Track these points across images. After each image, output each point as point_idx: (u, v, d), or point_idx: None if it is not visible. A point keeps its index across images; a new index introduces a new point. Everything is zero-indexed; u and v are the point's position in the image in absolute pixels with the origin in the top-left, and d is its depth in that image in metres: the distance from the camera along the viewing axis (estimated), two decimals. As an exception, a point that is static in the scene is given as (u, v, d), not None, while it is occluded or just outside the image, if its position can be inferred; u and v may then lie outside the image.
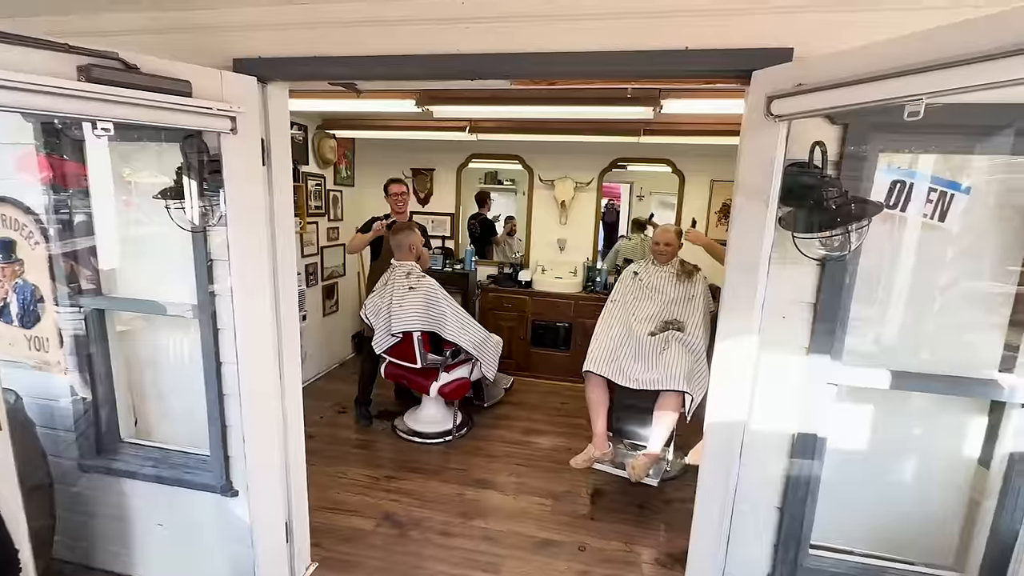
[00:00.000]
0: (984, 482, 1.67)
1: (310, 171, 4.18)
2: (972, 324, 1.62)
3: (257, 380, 1.86)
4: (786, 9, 1.36)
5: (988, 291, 1.59)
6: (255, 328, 1.83)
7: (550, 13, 1.50)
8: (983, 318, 1.60)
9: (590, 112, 2.81)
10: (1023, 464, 1.50)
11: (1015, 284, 1.55)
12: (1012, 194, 1.53)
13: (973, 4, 1.24)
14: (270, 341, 1.86)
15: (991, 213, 1.54)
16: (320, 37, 1.68)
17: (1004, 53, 0.84)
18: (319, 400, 3.98)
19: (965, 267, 1.59)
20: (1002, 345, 1.59)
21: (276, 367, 1.90)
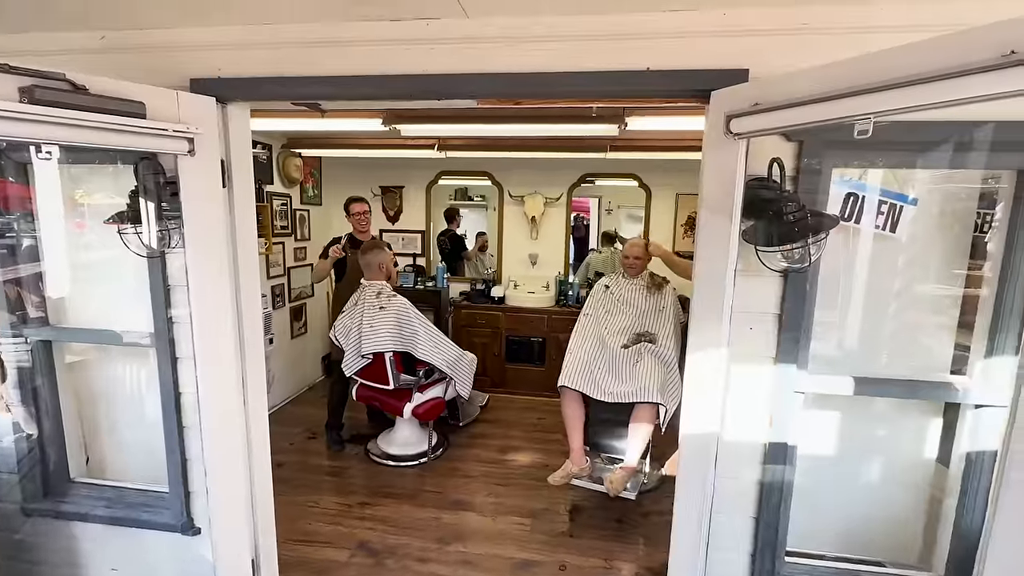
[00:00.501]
0: (944, 480, 1.73)
1: (275, 190, 4.09)
2: (925, 327, 1.70)
3: (219, 410, 1.78)
4: (740, 32, 1.41)
5: (937, 294, 1.68)
6: (217, 356, 1.75)
7: (515, 35, 1.52)
8: (934, 319, 1.69)
9: (557, 130, 2.85)
10: (980, 463, 1.56)
11: (961, 286, 1.64)
12: (952, 204, 1.63)
13: (916, 27, 1.32)
14: (233, 369, 1.78)
15: (935, 222, 1.64)
16: (283, 57, 1.65)
17: (946, 75, 0.89)
18: (288, 426, 3.84)
19: (915, 273, 1.68)
20: (952, 346, 1.67)
21: (240, 395, 1.82)
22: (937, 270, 1.67)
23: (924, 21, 1.31)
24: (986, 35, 0.85)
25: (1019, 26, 0.83)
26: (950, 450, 1.70)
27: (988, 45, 0.84)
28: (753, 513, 1.67)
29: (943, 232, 1.64)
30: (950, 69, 0.88)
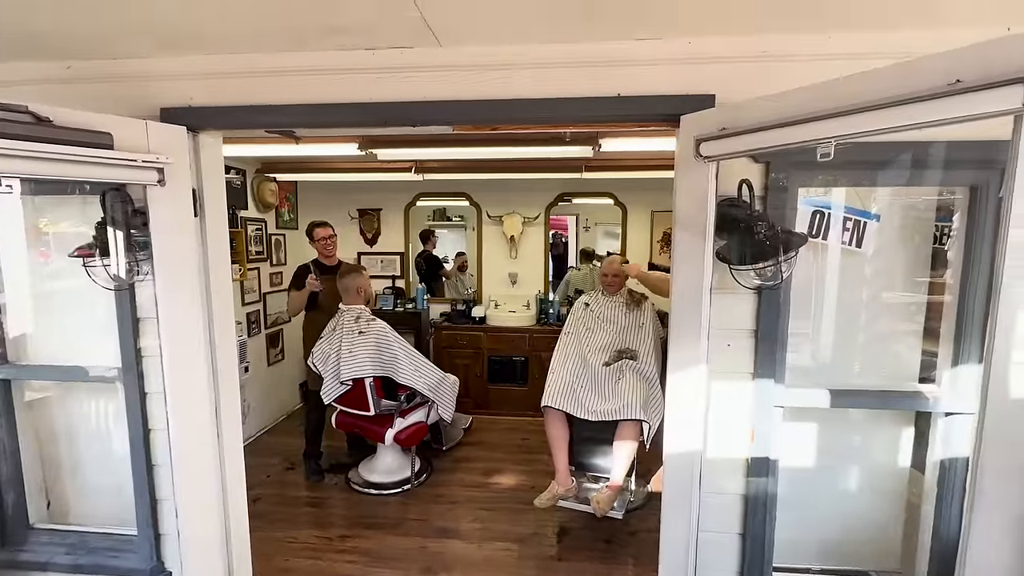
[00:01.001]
0: (920, 487, 1.76)
1: (250, 215, 4.02)
2: (894, 335, 1.76)
3: (191, 446, 1.71)
4: (706, 59, 1.47)
5: (903, 302, 1.74)
6: (188, 389, 1.70)
7: (488, 62, 1.55)
8: (902, 327, 1.75)
9: (532, 152, 2.90)
10: (954, 470, 1.60)
11: (925, 294, 1.71)
12: (912, 216, 1.71)
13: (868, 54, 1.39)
14: (206, 402, 1.72)
15: (897, 234, 1.71)
16: (256, 85, 1.65)
17: (899, 101, 0.94)
18: (265, 457, 3.72)
19: (882, 284, 1.74)
20: (920, 353, 1.73)
21: (213, 429, 1.76)
22: (902, 279, 1.74)
23: (876, 49, 1.38)
24: (934, 64, 0.90)
25: (963, 56, 0.88)
26: (924, 457, 1.74)
27: (936, 74, 0.89)
28: (739, 529, 1.67)
29: (905, 243, 1.72)
30: (903, 96, 0.93)
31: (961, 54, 0.89)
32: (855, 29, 1.43)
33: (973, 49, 0.87)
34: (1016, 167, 0.83)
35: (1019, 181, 0.83)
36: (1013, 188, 0.82)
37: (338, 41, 1.54)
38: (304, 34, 1.50)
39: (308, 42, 1.55)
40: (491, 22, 1.40)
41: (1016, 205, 0.84)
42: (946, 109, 0.88)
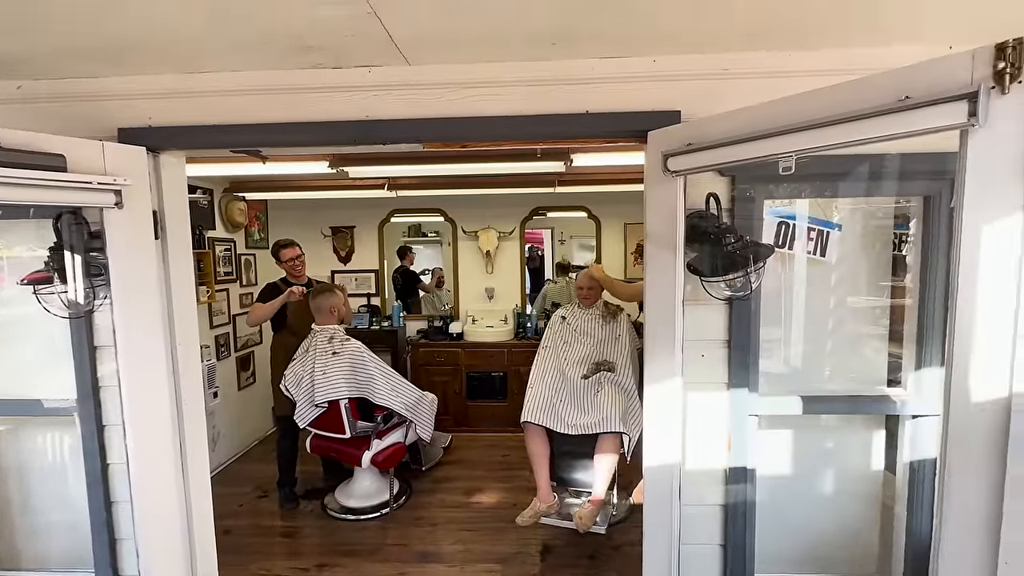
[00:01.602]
0: (893, 488, 1.80)
1: (218, 236, 3.92)
2: (861, 338, 1.81)
3: (153, 481, 1.63)
4: (670, 77, 1.50)
5: (869, 306, 1.79)
6: (150, 420, 1.62)
7: (457, 80, 1.55)
8: (868, 330, 1.80)
9: (505, 168, 2.91)
10: (923, 471, 1.64)
11: (888, 297, 1.77)
12: (872, 223, 1.77)
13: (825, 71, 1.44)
14: (168, 433, 1.64)
15: (859, 242, 1.76)
16: (219, 105, 1.61)
17: (854, 117, 0.97)
18: (236, 485, 3.57)
19: (847, 291, 1.79)
20: (887, 357, 1.78)
21: (177, 463, 1.68)
22: (866, 284, 1.79)
23: (831, 66, 1.43)
24: (884, 82, 0.94)
25: (912, 74, 0.92)
26: (895, 459, 1.78)
27: (887, 91, 0.93)
28: (720, 540, 1.67)
29: (867, 250, 1.78)
30: (856, 112, 0.97)
31: (909, 72, 0.93)
32: (812, 48, 1.48)
33: (920, 67, 0.91)
34: (965, 179, 0.87)
35: (968, 192, 0.87)
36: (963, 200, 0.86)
37: (305, 60, 1.52)
38: (269, 53, 1.48)
39: (274, 60, 1.53)
40: (458, 41, 1.41)
41: (967, 216, 0.87)
42: (896, 124, 0.92)
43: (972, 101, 0.83)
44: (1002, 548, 0.90)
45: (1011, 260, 0.84)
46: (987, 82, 0.83)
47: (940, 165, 1.45)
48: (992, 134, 0.83)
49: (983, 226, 0.87)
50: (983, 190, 0.86)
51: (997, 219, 0.86)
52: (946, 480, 0.98)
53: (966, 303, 0.90)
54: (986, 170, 0.85)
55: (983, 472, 0.91)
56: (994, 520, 0.91)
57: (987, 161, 0.85)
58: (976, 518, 0.94)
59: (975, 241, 0.87)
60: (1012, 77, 0.80)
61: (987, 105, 0.82)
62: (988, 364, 0.89)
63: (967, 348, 0.91)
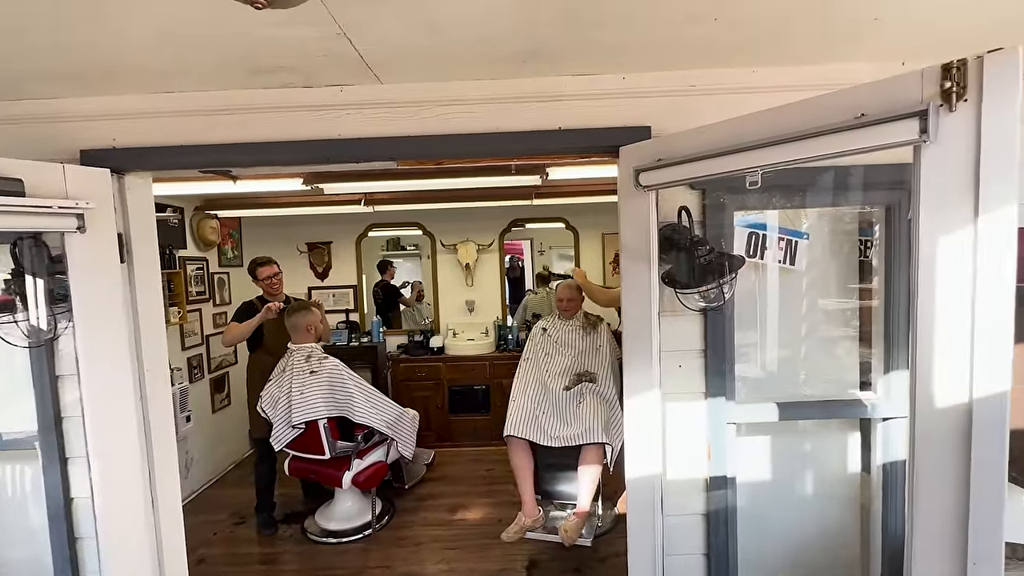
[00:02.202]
0: (869, 489, 1.84)
1: (189, 255, 3.83)
2: (833, 340, 1.85)
3: (121, 514, 1.56)
4: (639, 93, 1.53)
5: (838, 308, 1.84)
6: (116, 451, 1.55)
7: (429, 98, 1.56)
8: (840, 332, 1.84)
9: (481, 182, 2.92)
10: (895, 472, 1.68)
11: (857, 299, 1.82)
12: (839, 231, 1.82)
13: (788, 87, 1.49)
14: (136, 464, 1.58)
15: (827, 248, 1.82)
16: (186, 125, 1.58)
17: (814, 133, 1.01)
18: (211, 513, 3.45)
19: (818, 295, 1.84)
20: (858, 361, 1.82)
21: (146, 495, 1.62)
22: (835, 288, 1.84)
23: (793, 82, 1.49)
24: (842, 100, 0.98)
25: (867, 92, 0.96)
26: (870, 460, 1.82)
27: (845, 108, 0.96)
28: (703, 550, 1.68)
29: (835, 256, 1.83)
30: (817, 129, 1.00)
31: (864, 90, 0.96)
32: (776, 64, 1.53)
33: (874, 86, 0.95)
34: (919, 193, 0.90)
35: (924, 206, 0.90)
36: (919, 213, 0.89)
37: (274, 79, 1.51)
38: (237, 72, 1.46)
39: (242, 80, 1.51)
40: (429, 60, 1.41)
41: (923, 228, 0.91)
42: (854, 140, 0.95)
43: (923, 118, 0.87)
44: (970, 550, 0.93)
45: (966, 271, 0.88)
46: (936, 100, 0.87)
47: (898, 176, 1.50)
48: (942, 150, 0.87)
49: (939, 237, 0.90)
50: (937, 204, 0.89)
51: (951, 231, 0.89)
52: (915, 485, 1.01)
53: (926, 312, 0.93)
54: (939, 184, 0.89)
55: (949, 477, 0.94)
56: (962, 523, 0.93)
57: (939, 176, 0.89)
58: (945, 522, 0.97)
59: (932, 253, 0.91)
60: (958, 96, 0.84)
61: (937, 122, 0.86)
62: (949, 371, 0.92)
63: (929, 356, 0.94)
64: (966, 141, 0.86)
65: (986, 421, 0.90)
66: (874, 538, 1.81)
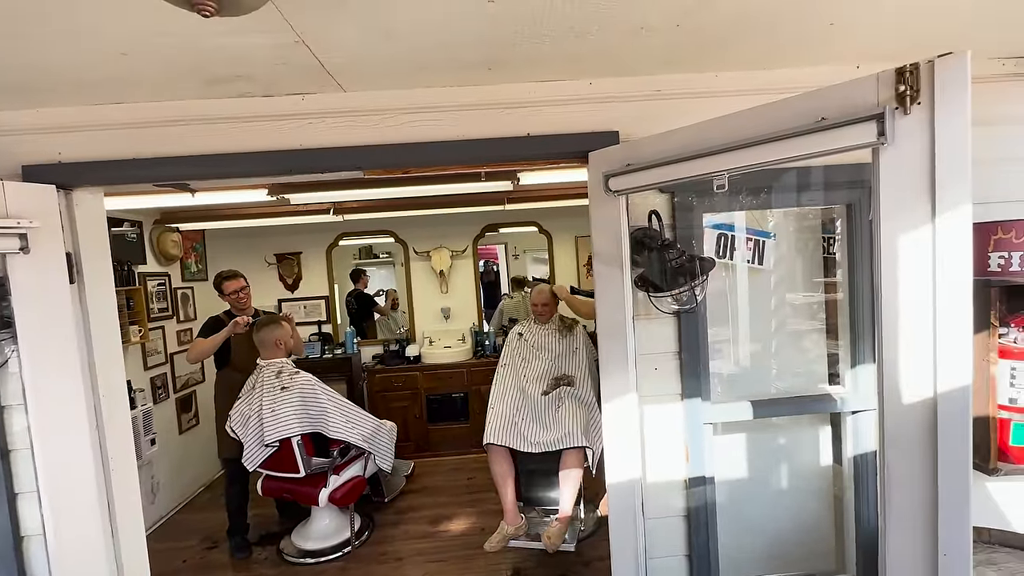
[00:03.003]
0: (841, 480, 1.88)
1: (149, 270, 3.67)
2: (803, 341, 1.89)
3: (77, 550, 1.47)
4: (606, 98, 1.54)
5: (806, 303, 1.88)
6: (69, 483, 1.47)
7: (395, 106, 1.53)
8: (808, 325, 1.88)
9: (452, 189, 2.89)
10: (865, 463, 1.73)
11: (822, 293, 1.87)
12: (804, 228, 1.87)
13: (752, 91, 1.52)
14: (93, 495, 1.50)
15: (793, 246, 1.86)
16: (139, 137, 1.51)
17: (777, 137, 1.02)
18: (180, 539, 3.31)
19: (787, 291, 1.88)
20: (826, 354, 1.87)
21: (106, 526, 1.53)
22: (802, 283, 1.88)
23: (755, 86, 1.51)
24: (802, 104, 0.99)
25: (826, 96, 0.98)
26: (841, 452, 1.87)
27: (806, 113, 0.98)
28: (685, 551, 1.68)
29: (800, 253, 1.87)
30: (780, 132, 1.01)
31: (824, 94, 0.98)
32: (739, 69, 1.56)
33: (833, 90, 0.97)
34: (879, 194, 0.92)
35: (884, 206, 0.92)
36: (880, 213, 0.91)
37: (231, 88, 1.45)
38: (190, 82, 1.40)
39: (196, 90, 1.45)
40: (393, 67, 1.38)
41: (884, 227, 0.93)
42: (816, 144, 0.97)
43: (880, 121, 0.89)
44: (940, 541, 0.95)
45: (926, 269, 0.90)
46: (891, 103, 0.89)
47: (858, 175, 1.55)
48: (899, 152, 0.89)
49: (899, 237, 0.92)
50: (896, 204, 0.91)
51: (911, 231, 0.91)
52: (886, 481, 1.03)
53: (890, 310, 0.95)
54: (897, 185, 0.91)
55: (918, 472, 0.96)
56: (931, 516, 0.95)
57: (897, 177, 0.91)
58: (916, 515, 0.98)
59: (893, 253, 0.93)
60: (912, 99, 0.86)
61: (893, 125, 0.88)
62: (914, 367, 0.94)
63: (895, 353, 0.96)
64: (921, 143, 0.88)
65: (951, 415, 0.92)
66: (847, 528, 1.85)
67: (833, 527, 1.92)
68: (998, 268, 1.51)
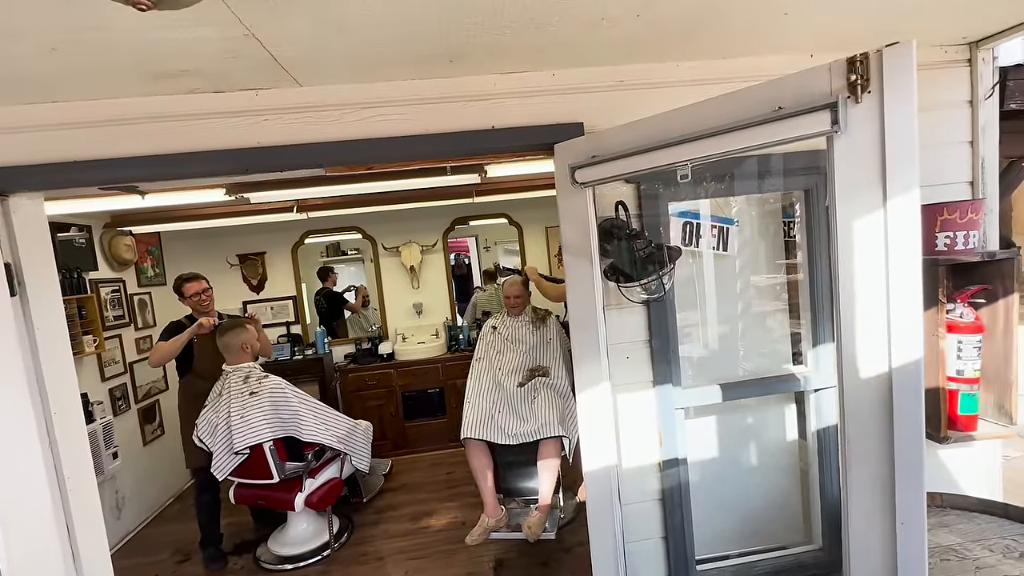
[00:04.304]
0: (807, 454, 1.96)
1: (102, 276, 3.49)
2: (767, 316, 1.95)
3: None
4: (569, 90, 1.53)
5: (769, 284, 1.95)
6: (19, 507, 1.39)
7: (355, 101, 1.48)
8: (772, 307, 1.94)
9: (418, 183, 2.85)
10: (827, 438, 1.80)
11: (784, 275, 1.93)
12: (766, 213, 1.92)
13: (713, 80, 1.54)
14: (49, 516, 1.43)
15: (755, 231, 1.91)
16: (78, 138, 1.42)
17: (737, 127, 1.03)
18: (151, 553, 3.20)
19: (751, 274, 1.93)
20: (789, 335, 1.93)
21: (64, 547, 1.46)
22: (765, 265, 1.94)
23: (716, 76, 1.54)
24: (760, 94, 1.01)
25: (783, 85, 1.00)
26: (805, 428, 1.94)
27: (764, 102, 1.00)
28: (661, 533, 1.73)
29: (763, 237, 1.93)
30: (740, 122, 1.03)
31: (781, 84, 1.00)
32: (699, 58, 1.57)
33: (788, 79, 0.99)
34: (835, 181, 0.95)
35: (839, 193, 0.95)
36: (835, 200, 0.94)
37: (178, 85, 1.38)
38: (133, 78, 1.32)
39: (141, 86, 1.37)
40: (350, 60, 1.34)
41: (840, 212, 0.96)
42: (774, 132, 0.99)
43: (833, 110, 0.91)
44: (898, 509, 0.99)
45: (879, 251, 0.93)
46: (844, 92, 0.91)
47: (814, 161, 1.59)
48: (852, 140, 0.92)
49: (854, 222, 0.95)
50: (850, 190, 0.94)
51: (864, 214, 0.94)
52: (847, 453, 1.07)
53: (847, 291, 0.98)
54: (850, 171, 0.94)
55: (876, 445, 1.00)
56: (889, 485, 1.00)
57: (850, 163, 0.94)
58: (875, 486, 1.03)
59: (848, 235, 0.96)
60: (863, 88, 0.89)
61: (846, 113, 0.91)
62: (871, 344, 0.98)
63: (852, 332, 0.99)
64: (872, 130, 0.91)
65: (904, 387, 0.97)
66: (813, 501, 1.94)
67: (800, 500, 2.00)
68: (944, 248, 1.58)
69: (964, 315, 1.61)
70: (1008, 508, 1.50)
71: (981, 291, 1.64)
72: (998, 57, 1.71)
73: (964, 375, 1.62)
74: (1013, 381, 1.63)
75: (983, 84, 1.68)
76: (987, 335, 1.63)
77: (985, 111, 1.69)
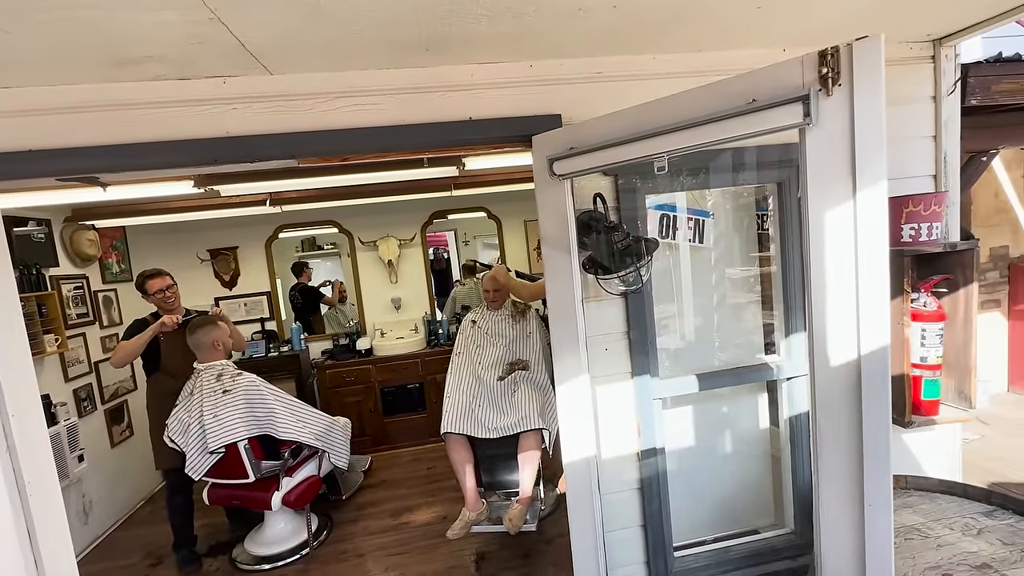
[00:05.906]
0: (779, 441, 2.02)
1: (63, 273, 3.35)
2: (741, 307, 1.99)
3: (-5, 585, 1.34)
4: (547, 81, 1.52)
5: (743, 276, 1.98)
6: (-19, 514, 1.33)
7: (328, 90, 1.45)
8: (746, 299, 1.98)
9: (395, 176, 2.80)
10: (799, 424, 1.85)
11: (758, 267, 1.98)
12: (739, 205, 1.96)
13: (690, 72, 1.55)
14: (8, 525, 1.36)
15: (730, 224, 1.94)
16: (33, 126, 1.35)
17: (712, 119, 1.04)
18: (121, 557, 3.10)
19: (726, 267, 1.97)
20: (762, 325, 1.98)
21: (27, 554, 1.40)
22: (740, 258, 1.98)
23: (692, 68, 1.55)
24: (734, 87, 1.02)
25: (757, 78, 1.01)
26: (778, 415, 2.00)
27: (738, 95, 1.01)
28: (640, 522, 1.75)
29: (738, 231, 1.96)
30: (715, 114, 1.04)
31: (755, 77, 1.01)
32: (676, 51, 1.58)
33: (762, 73, 1.00)
34: (807, 172, 0.96)
35: (811, 185, 0.97)
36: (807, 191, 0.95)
37: (141, 71, 1.32)
38: (91, 63, 1.26)
39: (101, 72, 1.31)
40: (322, 48, 1.30)
41: (811, 204, 0.97)
42: (748, 125, 1.00)
43: (805, 103, 0.93)
44: (866, 493, 1.03)
45: (848, 241, 0.96)
46: (815, 85, 0.93)
47: (787, 155, 1.62)
48: (823, 132, 0.94)
49: (825, 213, 0.98)
50: (822, 181, 0.96)
51: (834, 206, 0.96)
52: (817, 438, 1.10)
53: (818, 281, 1.01)
54: (822, 163, 0.96)
55: (845, 428, 1.03)
56: (857, 469, 1.03)
57: (822, 155, 0.95)
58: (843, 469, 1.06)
59: (820, 226, 0.98)
60: (833, 81, 0.91)
61: (817, 106, 0.92)
62: (841, 332, 1.00)
63: (823, 321, 1.02)
64: (842, 123, 0.93)
65: (872, 374, 1.00)
66: (785, 486, 1.99)
67: (772, 486, 2.06)
68: (910, 239, 1.64)
69: (927, 304, 1.67)
70: (967, 488, 1.57)
71: (943, 281, 1.70)
72: (960, 54, 1.77)
73: (927, 362, 1.68)
74: (972, 367, 1.71)
75: (946, 80, 1.74)
76: (948, 323, 1.70)
77: (948, 106, 1.75)
